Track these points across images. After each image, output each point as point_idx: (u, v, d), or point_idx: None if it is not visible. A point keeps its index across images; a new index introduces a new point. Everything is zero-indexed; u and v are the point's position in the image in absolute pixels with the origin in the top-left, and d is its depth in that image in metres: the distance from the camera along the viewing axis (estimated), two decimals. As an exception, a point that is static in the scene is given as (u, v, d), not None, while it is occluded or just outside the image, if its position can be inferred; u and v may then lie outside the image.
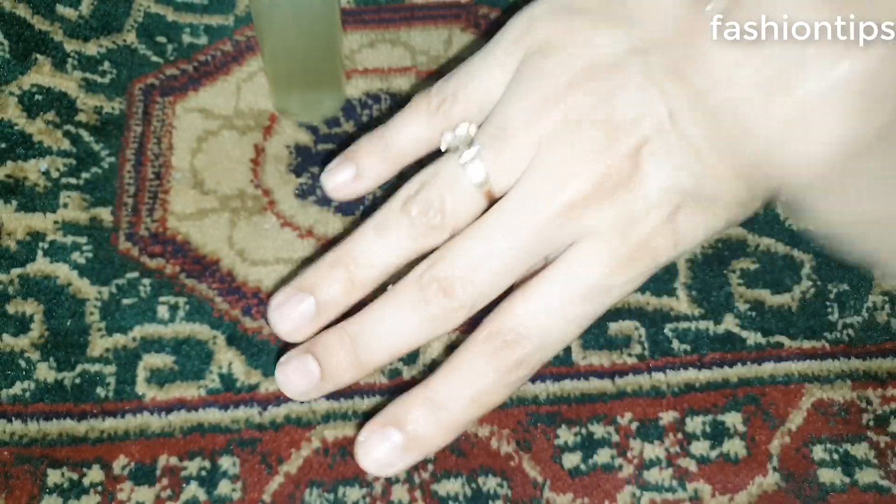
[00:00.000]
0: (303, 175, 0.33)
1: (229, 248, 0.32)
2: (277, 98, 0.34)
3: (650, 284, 0.32)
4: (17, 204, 0.32)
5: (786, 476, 0.29)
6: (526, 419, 0.29)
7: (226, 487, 0.28)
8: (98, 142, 0.33)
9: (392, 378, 0.30)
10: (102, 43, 0.35)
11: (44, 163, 0.33)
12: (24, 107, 0.34)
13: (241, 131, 0.34)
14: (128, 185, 0.33)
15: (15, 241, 0.31)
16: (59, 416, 0.29)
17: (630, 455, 0.29)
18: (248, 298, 0.31)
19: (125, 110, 0.34)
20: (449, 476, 0.28)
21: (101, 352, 0.30)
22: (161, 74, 0.35)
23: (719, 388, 0.30)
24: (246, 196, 0.33)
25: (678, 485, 0.29)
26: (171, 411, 0.29)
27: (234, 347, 0.30)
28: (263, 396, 0.29)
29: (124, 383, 0.29)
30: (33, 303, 0.30)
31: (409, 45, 0.36)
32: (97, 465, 0.28)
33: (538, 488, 0.28)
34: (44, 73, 0.34)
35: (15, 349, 0.30)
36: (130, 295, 0.31)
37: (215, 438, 0.29)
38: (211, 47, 0.36)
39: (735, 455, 0.29)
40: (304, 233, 0.32)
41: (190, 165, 0.33)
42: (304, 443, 0.29)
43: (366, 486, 0.28)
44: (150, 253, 0.31)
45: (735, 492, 0.29)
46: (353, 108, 0.35)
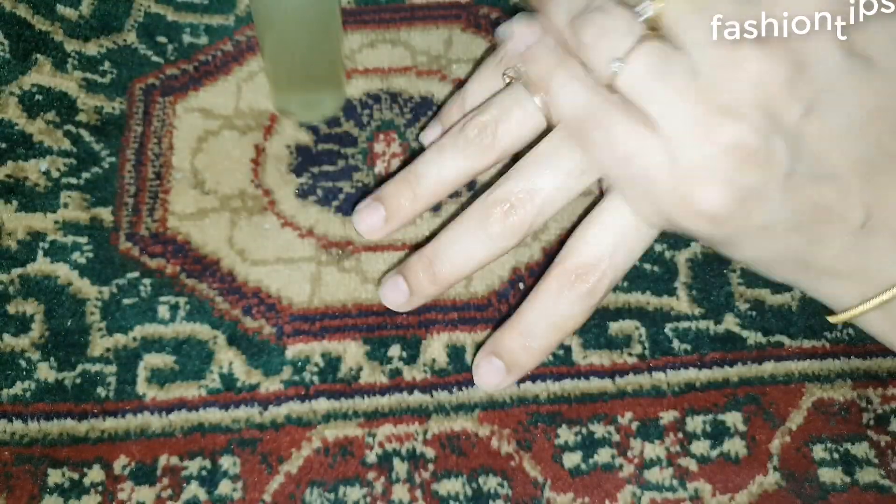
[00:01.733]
0: (303, 175, 0.33)
1: (230, 248, 0.32)
2: (278, 98, 0.34)
3: (650, 284, 0.32)
4: (18, 204, 0.32)
5: (786, 475, 0.29)
6: (526, 419, 0.29)
7: (226, 487, 0.28)
8: (98, 142, 0.33)
9: (392, 378, 0.30)
10: (103, 43, 0.35)
11: (44, 163, 0.33)
12: (24, 107, 0.34)
13: (241, 131, 0.34)
14: (128, 185, 0.33)
15: (15, 240, 0.31)
16: (60, 415, 0.29)
17: (630, 455, 0.29)
18: (249, 298, 0.31)
19: (125, 110, 0.34)
20: (449, 476, 0.28)
21: (102, 352, 0.30)
22: (161, 74, 0.35)
23: (720, 388, 0.30)
24: (246, 196, 0.33)
25: (679, 484, 0.29)
26: (172, 411, 0.29)
27: (235, 347, 0.30)
28: (264, 396, 0.29)
29: (125, 383, 0.29)
30: (34, 303, 0.30)
31: (410, 44, 0.36)
32: (98, 464, 0.28)
33: (539, 488, 0.28)
34: (44, 73, 0.34)
35: (15, 349, 0.30)
36: (131, 295, 0.31)
37: (216, 438, 0.29)
38: (211, 47, 0.36)
39: (735, 454, 0.29)
40: (305, 232, 0.32)
41: (190, 165, 0.33)
42: (304, 442, 0.29)
43: (366, 486, 0.28)
44: (151, 253, 0.31)
45: (735, 491, 0.29)
46: (354, 108, 0.35)
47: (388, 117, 0.35)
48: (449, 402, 0.30)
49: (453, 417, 0.29)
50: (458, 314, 0.31)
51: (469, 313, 0.31)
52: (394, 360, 0.30)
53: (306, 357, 0.30)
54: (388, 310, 0.31)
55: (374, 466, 0.28)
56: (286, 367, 0.30)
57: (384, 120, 0.35)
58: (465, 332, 0.31)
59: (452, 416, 0.29)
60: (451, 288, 0.30)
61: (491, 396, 0.30)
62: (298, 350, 0.30)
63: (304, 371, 0.30)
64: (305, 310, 0.31)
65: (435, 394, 0.30)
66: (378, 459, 0.29)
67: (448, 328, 0.31)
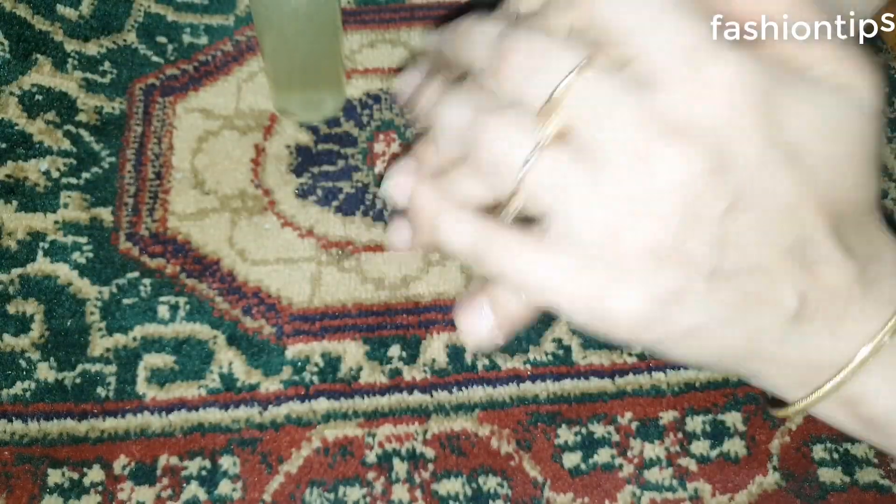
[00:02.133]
0: (303, 175, 0.33)
1: (230, 248, 0.32)
2: (278, 98, 0.34)
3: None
4: (18, 204, 0.32)
5: (786, 475, 0.29)
6: (526, 419, 0.29)
7: (226, 487, 0.28)
8: (98, 142, 0.33)
9: (392, 378, 0.30)
10: (103, 43, 0.35)
11: (44, 163, 0.33)
12: (24, 107, 0.34)
13: (241, 131, 0.34)
14: (128, 185, 0.33)
15: (15, 240, 0.31)
16: (60, 415, 0.29)
17: (630, 454, 0.29)
18: (249, 298, 0.31)
19: (125, 110, 0.34)
20: (449, 476, 0.28)
21: (102, 351, 0.30)
22: (161, 74, 0.35)
23: (719, 388, 0.30)
24: (246, 196, 0.33)
25: (678, 484, 0.29)
26: (172, 411, 0.29)
27: (235, 347, 0.30)
28: (264, 396, 0.29)
29: (125, 383, 0.29)
30: (34, 303, 0.30)
31: (410, 45, 0.36)
32: (98, 464, 0.28)
33: (539, 488, 0.28)
34: (44, 73, 0.34)
35: (15, 349, 0.30)
36: (131, 295, 0.31)
37: (216, 438, 0.29)
38: (211, 47, 0.36)
39: (735, 454, 0.29)
40: (305, 232, 0.32)
41: (190, 165, 0.33)
42: (304, 442, 0.29)
43: (366, 486, 0.28)
44: (151, 253, 0.31)
45: (735, 491, 0.29)
46: (354, 108, 0.35)
47: (388, 117, 0.35)
48: (449, 402, 0.30)
49: (453, 417, 0.29)
50: (457, 314, 0.31)
51: (469, 313, 0.31)
52: (394, 360, 0.30)
53: (306, 357, 0.30)
54: (388, 310, 0.31)
55: (373, 466, 0.28)
56: (286, 367, 0.30)
57: (384, 120, 0.35)
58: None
59: (452, 416, 0.29)
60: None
61: (491, 396, 0.30)
62: (298, 350, 0.30)
63: (303, 371, 0.30)
64: (305, 310, 0.31)
65: (435, 394, 0.30)
66: (378, 459, 0.29)
67: (448, 328, 0.31)
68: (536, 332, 0.31)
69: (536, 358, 0.30)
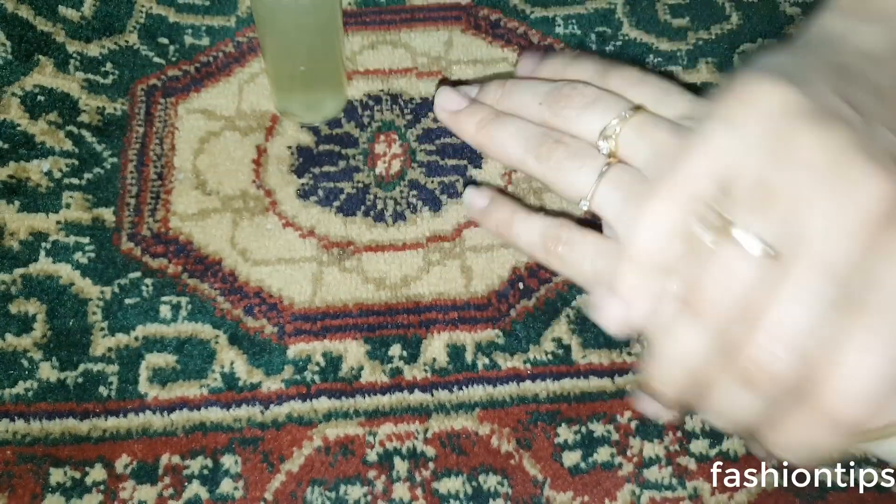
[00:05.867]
0: (304, 176, 0.33)
1: (231, 249, 0.32)
2: (279, 99, 0.34)
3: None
4: (20, 204, 0.32)
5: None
6: (526, 418, 0.30)
7: (228, 486, 0.28)
8: (100, 142, 0.33)
9: (393, 377, 0.30)
10: (104, 44, 0.36)
11: (46, 163, 0.33)
12: (26, 107, 0.34)
13: (243, 132, 0.34)
14: (130, 186, 0.33)
15: (18, 241, 0.31)
16: (62, 415, 0.29)
17: (630, 453, 0.29)
18: (250, 298, 0.31)
19: (127, 111, 0.34)
20: (450, 474, 0.29)
21: (104, 351, 0.30)
22: (163, 75, 0.35)
23: (718, 387, 0.30)
24: (248, 196, 0.33)
25: (678, 483, 0.29)
26: (174, 410, 0.29)
27: (236, 347, 0.30)
28: (265, 395, 0.29)
29: (127, 382, 0.29)
30: (36, 302, 0.30)
31: (410, 46, 0.37)
32: (99, 463, 0.28)
33: (538, 486, 0.28)
34: (46, 73, 0.35)
35: (18, 349, 0.30)
36: (133, 295, 0.31)
37: (217, 437, 0.29)
38: (213, 48, 0.36)
39: (734, 453, 0.29)
40: (306, 233, 0.32)
41: (192, 166, 0.33)
42: (305, 441, 0.29)
43: (367, 485, 0.28)
44: (153, 253, 0.32)
45: (735, 490, 0.29)
46: (355, 109, 0.35)
47: (389, 118, 0.35)
48: (449, 401, 0.30)
49: (453, 416, 0.29)
50: (458, 314, 0.31)
51: (469, 313, 0.31)
52: (394, 359, 0.30)
53: (307, 356, 0.30)
54: (388, 309, 0.31)
55: (374, 465, 0.29)
56: (287, 367, 0.30)
57: (385, 121, 0.35)
58: (466, 332, 0.31)
59: (453, 415, 0.29)
60: None
61: (491, 396, 0.30)
62: (300, 349, 0.30)
63: (305, 370, 0.30)
64: (307, 309, 0.31)
65: (435, 393, 0.30)
66: (379, 458, 0.29)
67: (448, 328, 0.31)
68: (536, 331, 0.31)
69: (536, 357, 0.30)
